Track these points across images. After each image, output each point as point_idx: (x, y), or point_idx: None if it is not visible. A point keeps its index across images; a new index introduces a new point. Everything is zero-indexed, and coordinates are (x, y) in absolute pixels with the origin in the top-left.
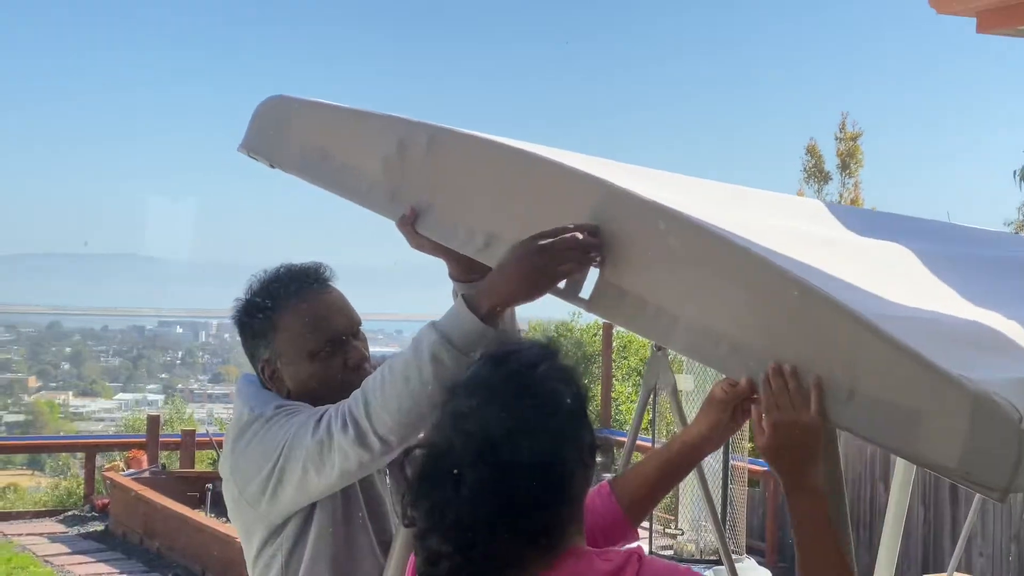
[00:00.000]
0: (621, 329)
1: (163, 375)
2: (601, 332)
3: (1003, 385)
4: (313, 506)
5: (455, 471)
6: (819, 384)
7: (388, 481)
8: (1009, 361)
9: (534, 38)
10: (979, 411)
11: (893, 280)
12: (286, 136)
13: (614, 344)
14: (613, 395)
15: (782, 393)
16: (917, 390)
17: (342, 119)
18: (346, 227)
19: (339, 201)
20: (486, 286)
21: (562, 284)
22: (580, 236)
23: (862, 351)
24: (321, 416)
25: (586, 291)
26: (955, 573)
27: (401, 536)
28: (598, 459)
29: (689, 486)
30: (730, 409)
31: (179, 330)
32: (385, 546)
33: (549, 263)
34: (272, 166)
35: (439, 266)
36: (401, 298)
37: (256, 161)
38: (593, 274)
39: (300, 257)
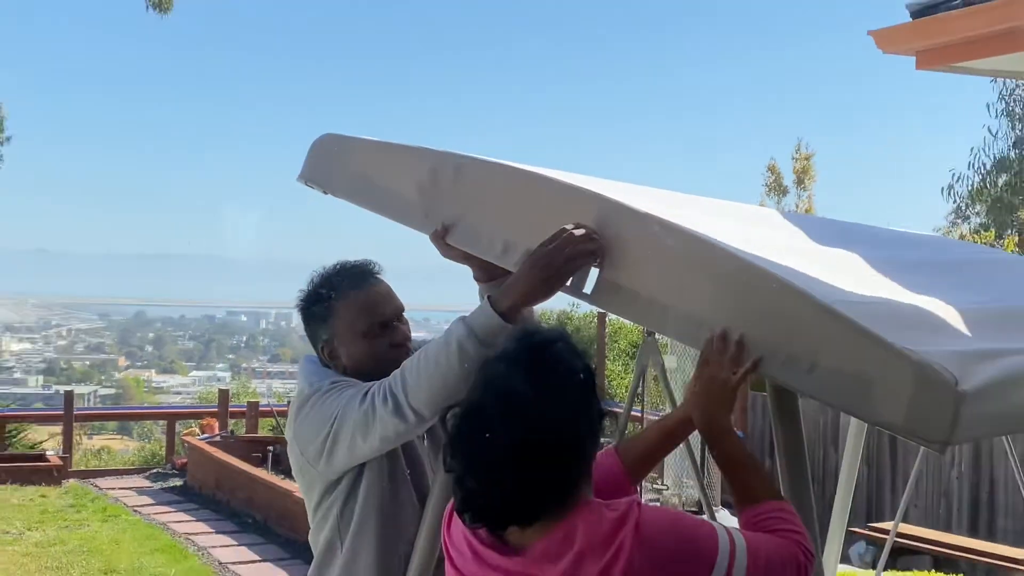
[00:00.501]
0: (613, 317)
1: (230, 356)
2: (596, 320)
3: (941, 356)
4: (363, 465)
5: (486, 426)
6: (756, 363)
7: (426, 444)
8: (945, 339)
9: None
10: (921, 377)
11: (844, 275)
12: (337, 168)
13: (607, 330)
14: (606, 373)
15: (719, 353)
16: (869, 362)
17: (382, 152)
18: (384, 233)
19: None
20: (508, 288)
21: (568, 282)
22: (582, 243)
23: (822, 331)
24: (367, 391)
25: (588, 287)
26: (901, 523)
27: (439, 484)
28: (606, 424)
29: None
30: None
31: (243, 319)
32: (423, 499)
33: (559, 267)
34: (325, 193)
35: (458, 268)
36: (426, 292)
37: (312, 189)
38: (593, 273)
39: (349, 256)
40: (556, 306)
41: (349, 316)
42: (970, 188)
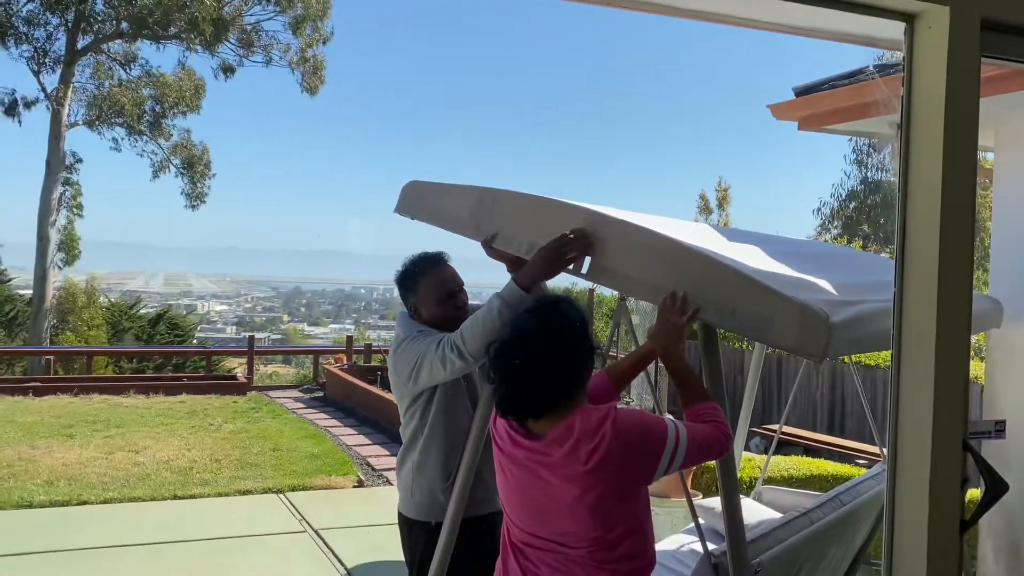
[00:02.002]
0: (600, 289)
1: (353, 315)
2: (588, 292)
3: (817, 303)
4: (436, 386)
5: (512, 352)
6: (695, 312)
7: (476, 374)
8: (818, 293)
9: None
10: (806, 314)
11: (751, 258)
12: (417, 203)
13: (595, 300)
14: (595, 328)
15: (671, 306)
16: (770, 307)
17: (445, 191)
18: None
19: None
20: (525, 271)
21: (572, 267)
22: (571, 242)
23: (739, 289)
24: (440, 340)
25: (584, 269)
26: (784, 425)
27: (485, 395)
28: (597, 355)
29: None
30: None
31: (362, 291)
32: (475, 405)
33: (556, 256)
34: (412, 219)
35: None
36: (476, 275)
37: (404, 217)
38: (587, 259)
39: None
40: (560, 284)
41: (428, 288)
42: (831, 210)
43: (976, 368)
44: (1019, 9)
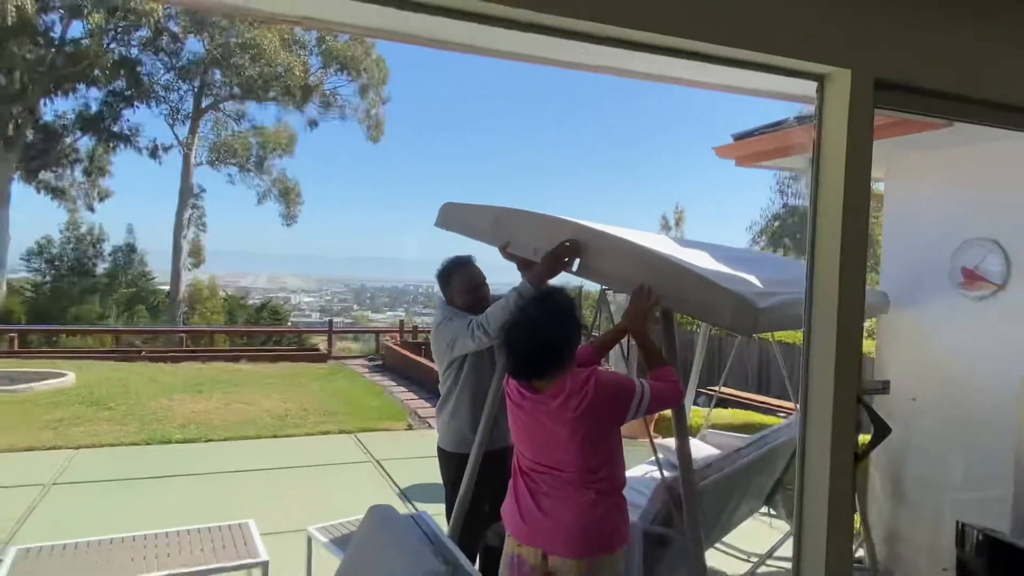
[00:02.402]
0: (588, 285)
1: (404, 305)
2: (578, 289)
3: (747, 294)
4: (466, 355)
5: (519, 330)
6: (658, 299)
7: (495, 346)
8: (749, 287)
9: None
10: (739, 302)
11: (700, 261)
12: (452, 218)
13: (582, 292)
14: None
15: (640, 296)
16: (714, 296)
17: (472, 209)
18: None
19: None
20: (535, 272)
21: (569, 265)
22: (569, 249)
23: (691, 284)
24: (470, 321)
25: (575, 268)
26: (722, 386)
27: (501, 361)
28: (584, 333)
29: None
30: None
31: (411, 287)
32: (493, 370)
33: (558, 261)
34: (448, 230)
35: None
36: (497, 275)
37: (442, 229)
38: (578, 261)
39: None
40: (558, 282)
41: (459, 282)
42: (760, 228)
43: (869, 346)
44: (904, 71)
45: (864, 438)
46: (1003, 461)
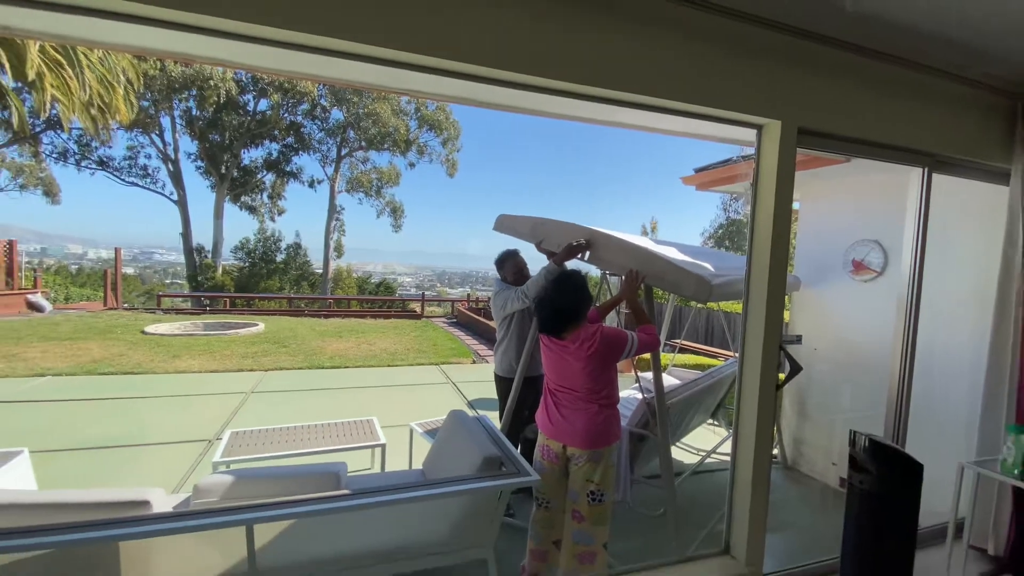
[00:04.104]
0: (594, 270)
1: (470, 283)
2: (586, 274)
3: (705, 274)
4: (514, 313)
5: (547, 297)
6: (643, 278)
7: (532, 307)
8: (706, 271)
9: None
10: (699, 281)
11: (671, 253)
12: (505, 224)
13: (587, 276)
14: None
15: (631, 277)
16: (681, 276)
17: (518, 219)
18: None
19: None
20: (558, 258)
21: (580, 257)
22: (581, 246)
23: (666, 269)
24: (517, 290)
25: (585, 257)
26: (683, 339)
27: (536, 319)
28: (592, 302)
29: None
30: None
31: (476, 272)
32: (530, 324)
33: (572, 250)
34: (502, 233)
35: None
36: (534, 263)
37: (497, 232)
38: (587, 252)
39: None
40: (571, 266)
41: (509, 266)
42: (709, 234)
43: (787, 316)
44: (819, 122)
45: (781, 375)
46: (879, 391)
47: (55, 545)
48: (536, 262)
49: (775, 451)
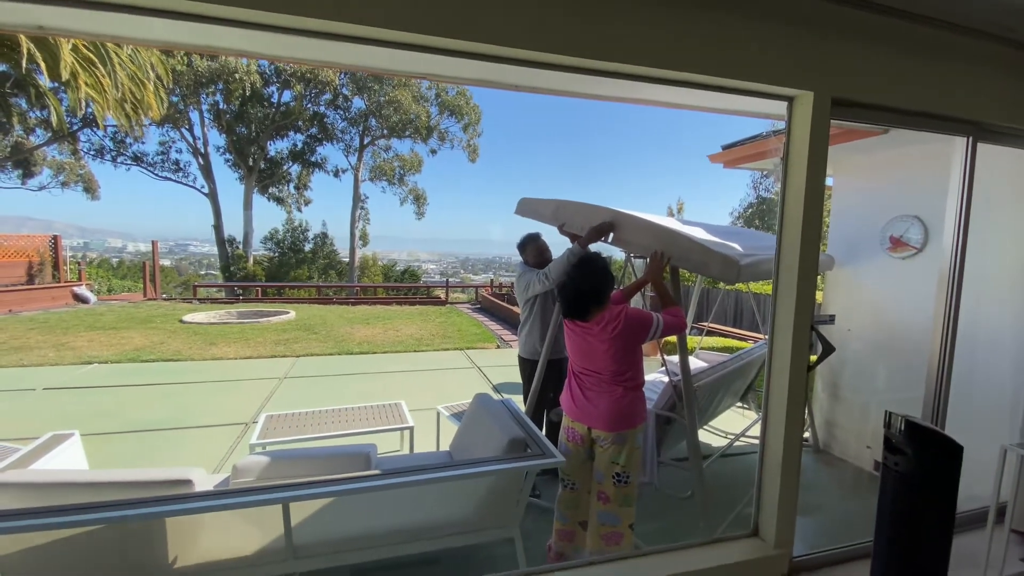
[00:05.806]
0: (615, 255)
1: (494, 269)
2: (609, 257)
3: (733, 254)
4: (536, 295)
5: (571, 280)
6: (668, 259)
7: (555, 290)
8: (733, 250)
9: None
10: (725, 261)
11: (699, 233)
12: (528, 208)
13: (610, 259)
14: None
15: (656, 259)
16: (708, 256)
17: (539, 202)
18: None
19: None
20: (583, 240)
21: (604, 239)
22: (605, 227)
23: (692, 248)
24: (539, 272)
25: (610, 239)
26: (711, 322)
27: (559, 302)
28: (615, 283)
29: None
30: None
31: (498, 257)
32: (554, 307)
33: (597, 233)
34: (524, 216)
35: (563, 238)
36: (556, 245)
37: (519, 216)
38: (611, 234)
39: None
40: (593, 249)
41: (531, 249)
42: (739, 213)
43: (820, 296)
44: (854, 91)
45: (813, 357)
46: (916, 372)
47: (107, 521)
48: (558, 247)
49: (806, 434)
